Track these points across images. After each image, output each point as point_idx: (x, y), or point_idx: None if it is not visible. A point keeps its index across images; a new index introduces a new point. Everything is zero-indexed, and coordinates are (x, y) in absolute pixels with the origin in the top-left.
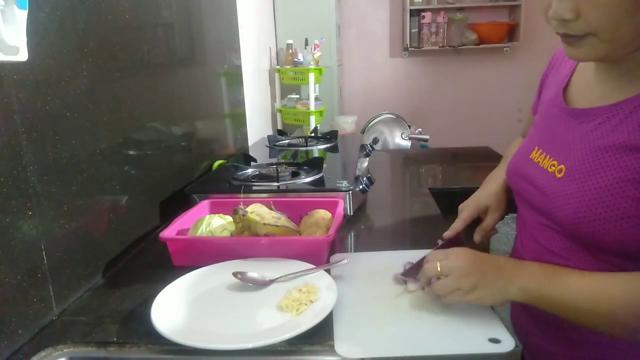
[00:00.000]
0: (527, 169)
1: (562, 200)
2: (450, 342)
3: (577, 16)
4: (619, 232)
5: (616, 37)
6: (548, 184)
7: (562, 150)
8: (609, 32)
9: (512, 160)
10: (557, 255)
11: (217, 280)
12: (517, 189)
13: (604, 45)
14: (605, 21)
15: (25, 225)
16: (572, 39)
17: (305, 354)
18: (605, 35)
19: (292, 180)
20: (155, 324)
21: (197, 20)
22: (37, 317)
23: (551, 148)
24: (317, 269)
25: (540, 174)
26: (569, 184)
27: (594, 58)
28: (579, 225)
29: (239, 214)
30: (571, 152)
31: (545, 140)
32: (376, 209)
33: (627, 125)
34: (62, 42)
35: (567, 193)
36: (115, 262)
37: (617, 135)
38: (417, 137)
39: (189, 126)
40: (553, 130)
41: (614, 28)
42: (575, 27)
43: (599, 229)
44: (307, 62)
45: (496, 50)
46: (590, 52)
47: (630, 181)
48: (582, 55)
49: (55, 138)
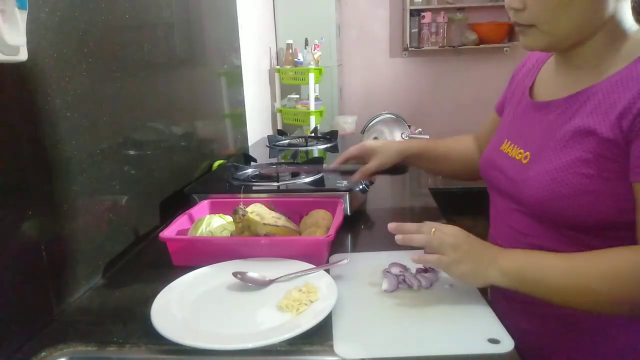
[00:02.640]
0: (497, 160)
1: (527, 183)
2: (449, 343)
3: (524, 7)
4: (578, 208)
5: (554, 29)
6: (515, 169)
7: (528, 139)
8: (548, 24)
9: (484, 154)
10: (527, 235)
11: (217, 280)
12: (489, 178)
13: (545, 36)
14: (544, 13)
15: (25, 225)
16: (520, 28)
17: (305, 354)
18: (544, 27)
19: (292, 180)
20: (155, 324)
21: (197, 20)
22: (37, 317)
23: (519, 139)
24: (317, 269)
25: (509, 162)
26: (532, 168)
27: (539, 47)
28: (542, 204)
29: (239, 214)
30: (536, 140)
31: (514, 132)
32: (376, 209)
33: (581, 113)
34: (62, 42)
35: (531, 176)
36: (115, 262)
37: (573, 122)
38: (417, 137)
39: (189, 126)
40: (521, 123)
41: (551, 20)
42: (523, 17)
43: (559, 206)
44: (307, 62)
45: (496, 50)
46: (535, 42)
47: (585, 161)
48: (529, 43)
49: (55, 138)
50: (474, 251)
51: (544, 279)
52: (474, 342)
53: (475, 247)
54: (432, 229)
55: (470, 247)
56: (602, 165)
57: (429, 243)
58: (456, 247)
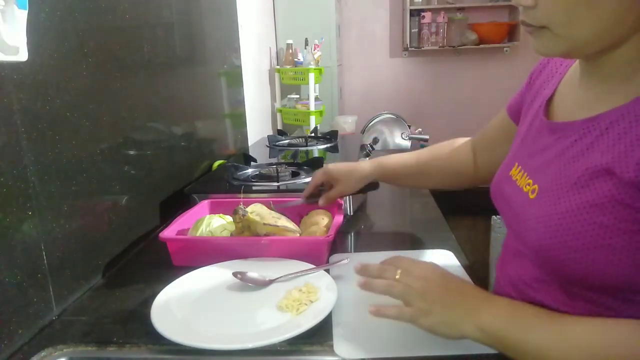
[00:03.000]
0: (505, 188)
1: (531, 224)
2: (449, 343)
3: (535, 4)
4: (590, 264)
5: (572, 33)
6: (521, 204)
7: (538, 168)
8: (563, 26)
9: (495, 178)
10: (527, 285)
11: (217, 280)
12: (498, 208)
13: (561, 40)
14: (558, 14)
15: (25, 225)
16: (530, 29)
17: (305, 354)
18: (559, 30)
19: (292, 180)
20: (155, 324)
21: (197, 20)
22: (37, 317)
23: (529, 165)
24: (317, 269)
25: (516, 194)
26: (539, 206)
27: (555, 53)
28: (546, 252)
29: (239, 214)
30: (546, 170)
31: (525, 156)
32: (376, 209)
33: (600, 144)
34: (62, 42)
35: (537, 216)
36: (115, 262)
37: (590, 155)
38: (417, 137)
39: (189, 126)
40: (533, 146)
41: (567, 23)
42: (533, 17)
43: (566, 257)
44: (307, 62)
45: (496, 50)
46: (549, 46)
47: (600, 206)
48: (541, 48)
49: (55, 138)
50: (446, 299)
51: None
52: (474, 342)
53: (449, 293)
54: (397, 272)
55: (443, 295)
56: (620, 213)
57: (390, 291)
58: (424, 294)
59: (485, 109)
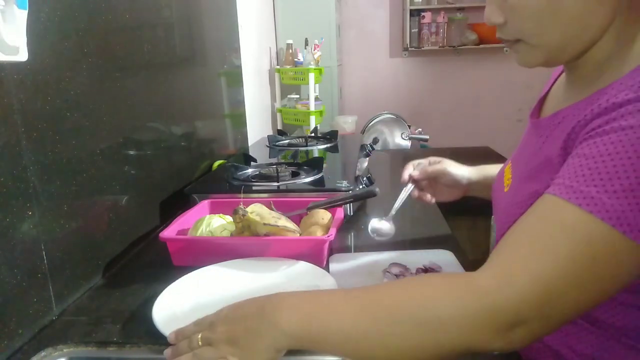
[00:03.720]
0: (497, 186)
1: (501, 215)
2: None
3: (504, 20)
4: None
5: (544, 41)
6: (498, 198)
7: (516, 164)
8: (534, 36)
9: (495, 179)
10: None
11: (219, 280)
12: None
13: (537, 50)
14: (527, 26)
15: (25, 225)
16: (507, 43)
17: (305, 354)
18: (532, 40)
19: (292, 180)
20: (157, 325)
21: (197, 20)
22: (37, 317)
23: (516, 162)
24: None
25: (499, 189)
26: (507, 198)
27: (536, 63)
28: None
29: (239, 214)
30: (518, 166)
31: (517, 154)
32: (376, 209)
33: (552, 137)
34: (62, 42)
35: (504, 206)
36: (115, 262)
37: (544, 148)
38: (417, 137)
39: (189, 126)
40: (522, 144)
41: (537, 32)
42: (507, 32)
43: None
44: (307, 62)
45: (496, 50)
46: (528, 58)
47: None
48: (521, 60)
49: (55, 138)
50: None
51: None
52: None
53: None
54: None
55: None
56: None
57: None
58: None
59: (485, 109)
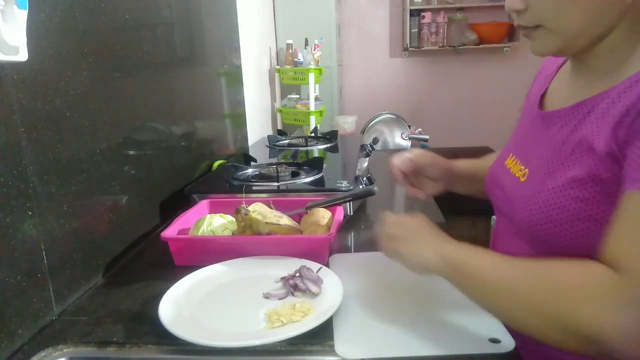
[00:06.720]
0: (500, 176)
1: (521, 203)
2: (450, 343)
3: (526, 7)
4: (575, 236)
5: (563, 27)
6: (512, 188)
7: (529, 154)
8: (555, 21)
9: (490, 169)
10: None
11: (221, 279)
12: (491, 196)
13: (554, 36)
14: (549, 11)
15: (25, 225)
16: (526, 31)
17: (305, 354)
18: (551, 25)
19: (292, 180)
20: (164, 323)
21: (197, 20)
22: (37, 317)
23: (522, 153)
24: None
25: (509, 180)
26: (528, 187)
27: (551, 51)
28: (535, 227)
29: (241, 213)
30: (536, 155)
31: (519, 146)
32: (376, 209)
33: (583, 125)
34: (62, 42)
35: (526, 195)
36: (115, 262)
37: (575, 135)
38: (417, 137)
39: (189, 126)
40: (526, 136)
41: (558, 17)
42: (527, 19)
43: (552, 232)
44: (307, 62)
45: (496, 50)
46: (545, 45)
47: (580, 181)
48: (538, 48)
49: (55, 138)
50: (420, 230)
51: (478, 274)
52: (475, 342)
53: (424, 227)
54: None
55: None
56: (597, 187)
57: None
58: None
59: (485, 109)
